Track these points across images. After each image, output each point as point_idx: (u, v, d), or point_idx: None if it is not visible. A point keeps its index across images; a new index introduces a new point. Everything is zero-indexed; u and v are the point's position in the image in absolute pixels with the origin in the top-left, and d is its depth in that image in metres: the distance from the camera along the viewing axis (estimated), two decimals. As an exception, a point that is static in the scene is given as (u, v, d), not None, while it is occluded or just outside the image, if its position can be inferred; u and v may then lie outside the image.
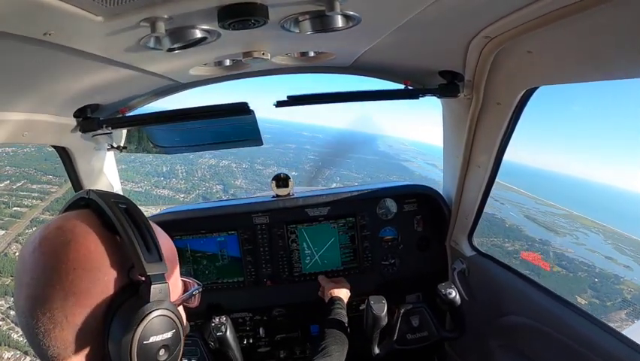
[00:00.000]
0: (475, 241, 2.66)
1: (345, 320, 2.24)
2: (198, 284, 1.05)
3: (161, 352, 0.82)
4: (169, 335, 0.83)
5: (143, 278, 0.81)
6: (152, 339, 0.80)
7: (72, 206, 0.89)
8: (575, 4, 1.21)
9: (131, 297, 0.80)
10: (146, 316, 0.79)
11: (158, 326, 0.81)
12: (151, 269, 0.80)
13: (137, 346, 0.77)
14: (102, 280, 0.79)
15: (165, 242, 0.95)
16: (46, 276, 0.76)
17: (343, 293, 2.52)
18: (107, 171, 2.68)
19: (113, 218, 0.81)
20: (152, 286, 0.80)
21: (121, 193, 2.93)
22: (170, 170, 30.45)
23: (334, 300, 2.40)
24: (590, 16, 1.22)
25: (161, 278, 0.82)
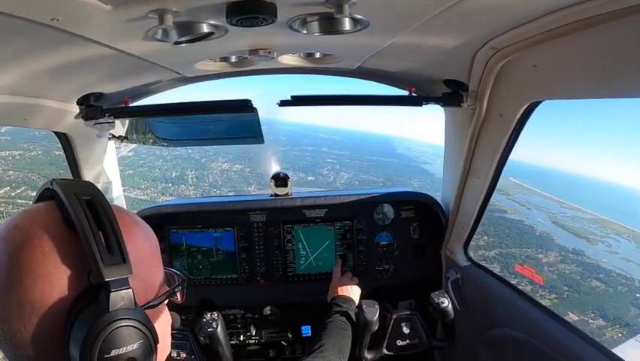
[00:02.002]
0: (470, 252, 2.66)
1: (349, 318, 2.19)
2: (183, 279, 0.95)
3: None
4: (135, 346, 0.73)
5: (100, 284, 0.71)
6: (115, 352, 0.71)
7: (41, 197, 0.83)
8: (582, 21, 1.21)
9: (91, 304, 0.71)
10: (104, 328, 0.70)
11: (120, 337, 0.71)
12: (111, 273, 0.71)
13: (96, 360, 0.69)
14: (59, 286, 0.70)
15: (142, 238, 0.86)
16: (1, 283, 0.70)
17: (348, 290, 2.45)
18: (107, 160, 2.68)
19: (71, 212, 0.72)
20: (111, 294, 0.70)
21: (119, 183, 2.93)
22: (180, 175, 28.75)
23: (336, 298, 2.34)
24: (597, 33, 1.22)
25: (124, 283, 0.72)
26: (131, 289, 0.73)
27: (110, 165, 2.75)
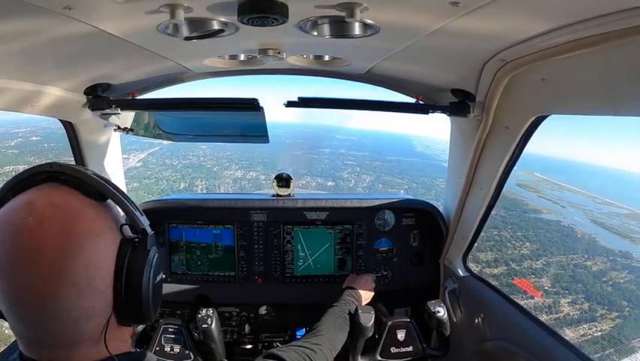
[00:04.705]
0: (469, 262, 2.65)
1: (352, 307, 2.23)
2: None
3: (160, 288, 1.00)
4: (162, 274, 1.02)
5: (137, 233, 0.94)
6: (158, 278, 0.97)
7: (29, 179, 0.90)
8: (593, 37, 1.21)
9: (131, 251, 0.91)
10: (152, 260, 0.94)
11: (158, 266, 0.96)
12: (145, 225, 0.94)
13: (151, 286, 0.93)
14: (107, 242, 0.88)
15: None
16: (63, 250, 0.81)
17: (363, 290, 2.46)
18: (111, 151, 2.69)
19: (101, 186, 0.91)
20: (148, 236, 0.94)
21: (122, 174, 2.93)
22: (189, 186, 26.98)
23: (351, 290, 2.38)
24: (608, 50, 1.22)
25: (149, 230, 0.96)
26: (153, 233, 0.97)
27: (114, 157, 2.75)
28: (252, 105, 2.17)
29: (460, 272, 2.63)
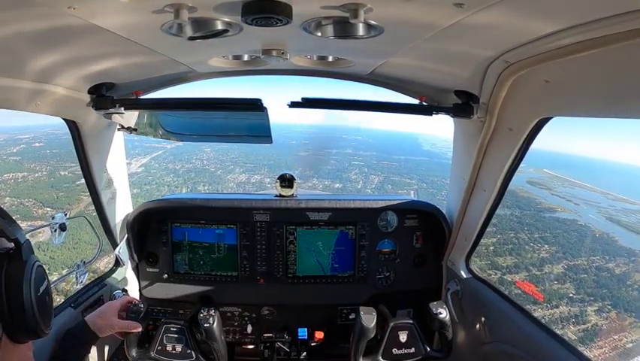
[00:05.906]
0: (472, 264, 2.64)
1: None
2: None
3: (47, 298, 0.92)
4: (46, 283, 0.93)
5: (12, 245, 0.91)
6: (41, 289, 0.90)
7: None
8: (596, 39, 1.20)
9: (7, 264, 0.88)
10: (31, 271, 0.88)
11: (40, 276, 0.92)
12: (17, 234, 0.91)
13: (34, 298, 0.86)
14: None
15: None
16: None
17: None
18: (115, 150, 2.69)
19: None
20: (22, 246, 0.91)
21: (126, 173, 2.94)
22: (192, 190, 24.57)
23: None
24: (610, 52, 1.22)
25: (23, 238, 0.92)
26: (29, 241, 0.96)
27: (118, 156, 2.76)
28: (255, 105, 2.17)
29: (463, 274, 2.62)
